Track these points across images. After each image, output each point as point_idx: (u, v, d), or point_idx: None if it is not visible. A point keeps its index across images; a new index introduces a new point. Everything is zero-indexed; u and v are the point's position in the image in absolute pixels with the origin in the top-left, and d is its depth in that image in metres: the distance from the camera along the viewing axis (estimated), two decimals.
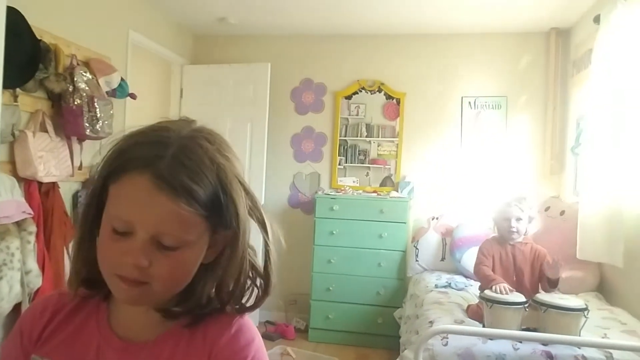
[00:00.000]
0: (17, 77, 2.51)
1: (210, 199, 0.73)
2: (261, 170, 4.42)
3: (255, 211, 0.81)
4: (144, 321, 0.80)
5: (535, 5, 3.68)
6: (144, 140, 0.75)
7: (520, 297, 2.40)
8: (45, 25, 2.80)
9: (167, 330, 0.80)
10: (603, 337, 2.38)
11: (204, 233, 0.75)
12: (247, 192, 0.79)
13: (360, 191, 4.39)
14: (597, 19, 3.17)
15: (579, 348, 2.16)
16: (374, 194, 4.29)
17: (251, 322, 0.83)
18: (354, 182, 4.52)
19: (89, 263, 0.79)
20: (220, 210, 0.74)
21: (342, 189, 4.41)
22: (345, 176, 4.56)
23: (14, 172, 2.61)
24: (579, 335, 2.24)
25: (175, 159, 0.72)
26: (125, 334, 0.80)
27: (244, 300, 0.83)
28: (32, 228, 2.50)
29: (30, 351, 0.82)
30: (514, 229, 2.75)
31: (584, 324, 2.28)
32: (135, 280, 0.72)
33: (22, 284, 2.40)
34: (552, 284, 2.58)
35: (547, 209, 3.71)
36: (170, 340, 0.79)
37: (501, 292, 2.42)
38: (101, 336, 0.81)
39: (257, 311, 4.46)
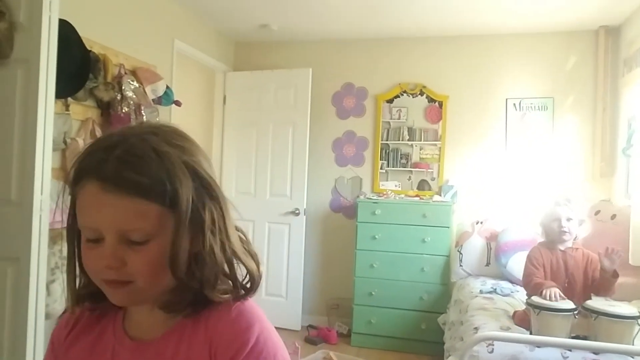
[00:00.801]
0: (69, 87, 2.62)
1: (159, 187, 0.75)
2: (303, 175, 4.45)
3: (205, 193, 0.79)
4: (150, 320, 0.82)
5: (583, 3, 3.57)
6: (94, 149, 0.78)
7: (569, 304, 2.33)
8: (94, 36, 2.91)
9: (174, 326, 0.81)
10: None
11: (168, 221, 0.76)
12: (197, 175, 0.78)
13: (403, 195, 4.36)
14: None
15: (632, 358, 2.08)
16: (417, 198, 4.25)
17: (256, 307, 0.82)
18: (396, 186, 4.50)
19: (82, 278, 0.84)
20: (169, 195, 0.75)
21: (384, 193, 4.39)
22: (387, 180, 4.54)
23: (66, 179, 2.71)
24: (632, 344, 2.16)
25: (119, 159, 0.75)
26: (136, 334, 0.83)
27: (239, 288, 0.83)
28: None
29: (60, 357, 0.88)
30: (565, 229, 2.65)
31: (637, 333, 2.20)
32: (118, 282, 0.75)
33: None
34: (604, 283, 2.49)
35: (597, 212, 3.59)
36: (175, 334, 0.81)
37: (550, 298, 2.34)
38: (115, 339, 0.84)
39: (299, 315, 4.49)
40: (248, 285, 0.83)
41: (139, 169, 0.75)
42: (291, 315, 4.40)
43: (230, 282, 0.82)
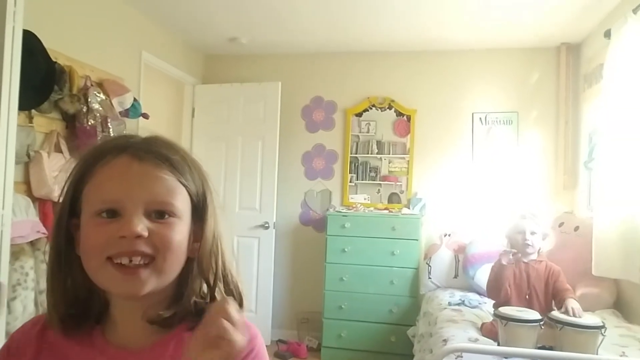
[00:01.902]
0: (32, 99, 2.56)
1: (188, 172, 0.77)
2: (272, 188, 4.43)
3: (213, 200, 0.81)
4: (138, 329, 0.78)
5: (545, 20, 3.68)
6: (111, 139, 0.79)
7: (535, 315, 2.37)
8: (59, 47, 2.86)
9: (166, 336, 0.78)
10: (621, 356, 2.33)
11: (188, 207, 0.77)
12: (208, 180, 0.82)
13: (372, 208, 4.38)
14: (607, 34, 3.17)
15: None
16: (386, 211, 4.27)
17: (251, 324, 0.81)
18: (365, 199, 4.52)
19: (67, 294, 0.79)
20: (195, 184, 0.78)
21: (354, 206, 4.40)
22: (356, 193, 4.56)
23: (29, 192, 2.65)
24: (597, 354, 2.20)
25: (148, 140, 0.78)
26: (120, 342, 0.79)
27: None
28: (47, 248, 2.52)
29: None
30: (529, 242, 2.71)
31: (601, 342, 2.24)
32: (139, 252, 0.71)
33: (36, 304, 2.42)
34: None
35: (560, 224, 3.67)
36: (169, 345, 0.77)
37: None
38: (96, 349, 0.78)
39: (269, 329, 4.43)
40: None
41: (169, 148, 0.77)
42: (261, 329, 4.24)
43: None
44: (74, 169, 0.78)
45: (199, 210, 0.79)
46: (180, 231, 0.75)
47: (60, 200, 0.78)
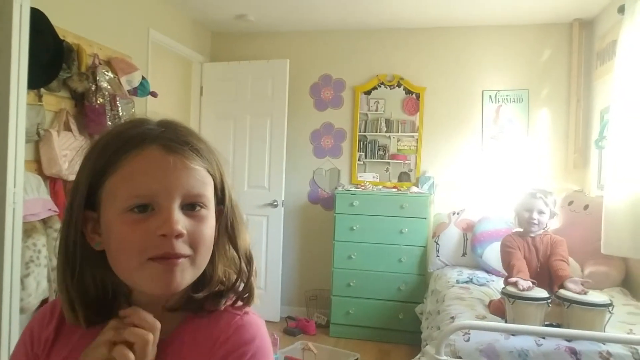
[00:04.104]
0: (41, 77, 2.56)
1: (214, 162, 0.76)
2: (281, 167, 4.43)
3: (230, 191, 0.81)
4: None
5: None
6: (128, 126, 0.75)
7: (543, 293, 2.37)
8: (67, 25, 2.85)
9: (181, 324, 0.78)
10: (628, 333, 2.34)
11: (213, 196, 0.76)
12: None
13: (380, 187, 4.38)
14: (621, 9, 3.11)
15: (604, 344, 2.13)
16: (394, 190, 4.27)
17: (259, 321, 0.81)
18: (373, 177, 4.52)
19: (84, 290, 0.75)
20: (218, 174, 0.77)
21: (362, 184, 4.40)
22: (365, 172, 4.55)
23: (40, 171, 2.67)
24: (604, 331, 2.21)
25: (170, 127, 0.74)
26: None
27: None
28: (58, 225, 2.55)
29: (40, 355, 0.79)
30: (535, 221, 2.71)
31: (608, 320, 2.25)
32: (182, 255, 0.70)
33: (49, 280, 2.45)
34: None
35: (570, 203, 3.66)
36: (185, 333, 0.77)
37: (523, 289, 2.37)
38: None
39: (278, 306, 4.48)
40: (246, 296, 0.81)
41: (194, 136, 0.75)
42: (270, 306, 4.39)
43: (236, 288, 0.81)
44: (92, 158, 0.73)
45: (218, 196, 0.78)
46: (210, 225, 0.74)
47: (73, 189, 0.74)
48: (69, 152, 2.76)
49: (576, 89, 4.09)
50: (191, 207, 0.72)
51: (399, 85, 4.49)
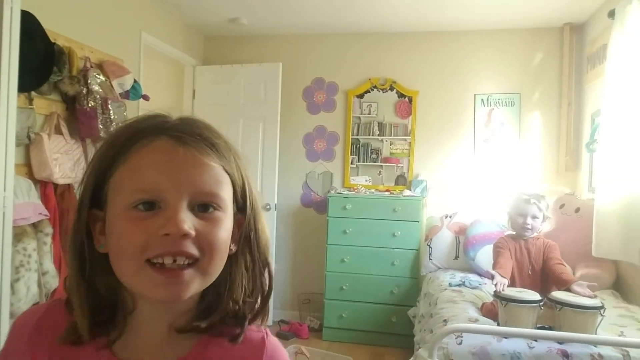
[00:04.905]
0: (32, 80, 2.54)
1: (232, 160, 0.68)
2: (273, 170, 4.43)
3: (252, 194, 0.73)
4: (159, 341, 0.69)
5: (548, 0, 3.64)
6: (144, 118, 0.69)
7: (535, 295, 2.38)
8: (59, 28, 2.83)
9: (190, 351, 0.69)
10: (620, 335, 2.35)
11: (231, 198, 0.68)
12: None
13: (373, 190, 4.39)
14: (611, 14, 3.13)
15: (595, 346, 2.14)
16: (387, 193, 4.28)
17: (278, 341, 0.76)
18: (366, 180, 4.52)
19: (95, 297, 0.68)
20: (237, 171, 0.70)
21: (355, 188, 4.41)
22: (357, 175, 4.55)
23: (30, 175, 2.65)
24: (595, 334, 2.22)
25: (187, 121, 0.68)
26: (130, 356, 0.68)
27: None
28: (49, 229, 2.53)
29: None
30: (529, 226, 2.74)
31: (600, 322, 2.26)
32: (186, 254, 0.62)
33: (39, 285, 2.43)
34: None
35: (561, 206, 3.68)
36: (198, 355, 0.69)
37: (494, 284, 2.45)
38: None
39: (270, 310, 4.45)
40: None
41: (212, 131, 0.68)
42: None
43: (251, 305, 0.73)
44: (100, 152, 0.67)
45: (239, 202, 0.70)
46: (225, 228, 0.66)
47: (81, 185, 0.68)
48: (59, 155, 2.75)
49: (567, 93, 4.11)
50: (204, 207, 0.64)
51: (391, 89, 4.50)
